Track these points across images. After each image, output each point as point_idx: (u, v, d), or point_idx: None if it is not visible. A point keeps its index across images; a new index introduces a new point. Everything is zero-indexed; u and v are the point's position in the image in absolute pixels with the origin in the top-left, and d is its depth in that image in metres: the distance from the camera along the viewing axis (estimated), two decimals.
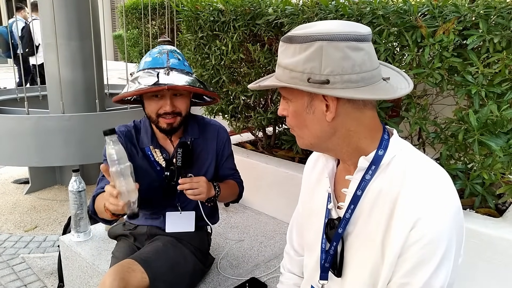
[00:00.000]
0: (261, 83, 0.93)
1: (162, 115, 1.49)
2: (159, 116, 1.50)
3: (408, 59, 1.67)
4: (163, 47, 1.55)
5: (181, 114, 1.52)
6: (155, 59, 1.50)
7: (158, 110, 1.49)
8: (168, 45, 1.59)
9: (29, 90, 3.81)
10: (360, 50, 0.81)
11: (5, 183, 4.00)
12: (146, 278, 1.38)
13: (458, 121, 1.63)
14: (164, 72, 1.45)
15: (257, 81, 0.96)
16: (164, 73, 1.45)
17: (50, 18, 3.19)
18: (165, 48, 1.55)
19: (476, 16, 1.52)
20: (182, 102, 1.52)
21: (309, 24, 0.86)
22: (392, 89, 0.87)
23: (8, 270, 2.59)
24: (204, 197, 1.49)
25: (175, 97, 1.50)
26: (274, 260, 1.95)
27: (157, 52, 1.52)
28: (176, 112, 1.50)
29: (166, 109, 1.47)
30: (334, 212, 0.97)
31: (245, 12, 2.30)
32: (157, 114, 1.50)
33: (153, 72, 1.46)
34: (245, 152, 2.68)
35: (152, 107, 1.50)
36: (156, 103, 1.49)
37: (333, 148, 0.91)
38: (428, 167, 0.85)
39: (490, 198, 1.67)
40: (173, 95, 1.49)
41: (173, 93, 1.49)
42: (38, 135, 3.14)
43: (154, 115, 1.50)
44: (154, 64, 1.49)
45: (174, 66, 1.50)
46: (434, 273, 0.78)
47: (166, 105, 1.47)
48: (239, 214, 2.47)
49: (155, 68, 1.47)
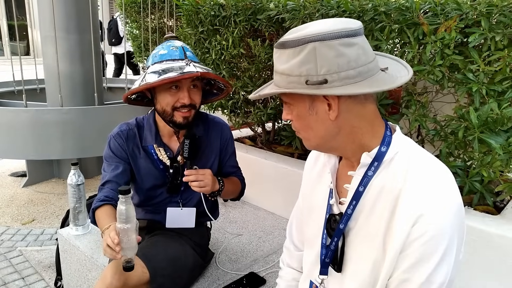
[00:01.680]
0: (261, 92, 0.93)
1: (179, 108, 1.46)
2: (175, 109, 1.47)
3: (409, 56, 1.67)
4: (173, 42, 1.52)
5: (196, 107, 1.51)
6: (172, 52, 1.47)
7: (174, 103, 1.46)
8: (176, 40, 1.58)
9: (27, 83, 3.78)
10: (353, 46, 0.81)
11: (2, 176, 3.99)
12: (146, 272, 1.39)
13: (458, 118, 1.63)
14: (186, 63, 1.43)
15: (257, 91, 0.96)
16: (185, 64, 1.43)
17: (49, 11, 3.17)
18: (175, 43, 1.52)
19: (478, 14, 1.52)
20: (197, 94, 1.51)
21: (300, 27, 0.85)
22: (392, 78, 0.87)
23: (6, 263, 2.58)
24: (208, 190, 1.49)
25: (192, 90, 1.48)
26: (273, 255, 1.95)
27: (170, 45, 1.49)
28: (192, 104, 1.48)
29: (185, 101, 1.45)
30: (335, 208, 0.97)
31: (246, 7, 2.29)
32: (173, 107, 1.47)
33: (173, 63, 1.43)
34: (244, 147, 2.68)
35: (168, 99, 1.46)
36: (173, 95, 1.45)
37: (338, 147, 0.91)
38: (431, 164, 0.86)
39: (488, 196, 1.68)
40: (190, 88, 1.47)
41: (190, 85, 1.47)
42: (36, 128, 3.12)
43: (170, 108, 1.47)
44: (171, 56, 1.45)
45: (192, 58, 1.48)
46: (436, 269, 0.79)
47: (185, 97, 1.44)
48: (238, 209, 2.47)
49: (174, 60, 1.44)
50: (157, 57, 1.47)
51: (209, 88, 1.68)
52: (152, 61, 1.47)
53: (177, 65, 1.42)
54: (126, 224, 1.20)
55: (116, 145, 1.57)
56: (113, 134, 1.59)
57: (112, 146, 1.57)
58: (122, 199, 1.19)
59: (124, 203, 1.19)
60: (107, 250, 1.20)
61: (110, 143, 1.58)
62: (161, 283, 1.43)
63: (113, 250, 1.18)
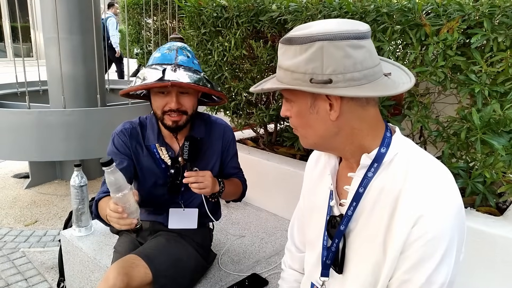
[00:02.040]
0: (263, 86, 0.93)
1: (168, 112, 1.48)
2: (164, 113, 1.49)
3: (411, 57, 1.66)
4: (173, 43, 1.54)
5: (187, 113, 1.51)
6: (164, 55, 1.49)
7: (163, 107, 1.48)
8: (179, 42, 1.58)
9: (30, 84, 3.81)
10: (360, 48, 0.81)
11: (5, 177, 4.00)
12: (149, 273, 1.39)
13: (460, 119, 1.63)
14: (171, 69, 1.44)
15: (258, 84, 0.96)
16: (171, 70, 1.44)
17: (52, 12, 3.18)
18: (175, 44, 1.53)
19: (481, 15, 1.52)
20: (188, 100, 1.51)
21: (307, 25, 0.85)
22: (394, 84, 0.87)
23: (9, 264, 2.59)
24: (208, 192, 1.49)
25: (182, 95, 1.49)
26: (275, 256, 1.95)
27: (167, 48, 1.51)
28: (182, 110, 1.49)
29: (171, 106, 1.46)
30: (336, 209, 0.97)
31: (248, 8, 2.29)
32: (162, 111, 1.49)
33: (159, 67, 1.45)
34: (247, 148, 2.68)
35: (158, 103, 1.49)
36: (162, 99, 1.48)
37: (336, 147, 0.91)
38: (431, 165, 0.86)
39: (491, 197, 1.67)
40: (180, 93, 1.48)
41: (180, 90, 1.47)
42: (39, 130, 3.14)
43: (160, 112, 1.50)
44: (162, 60, 1.48)
45: (183, 63, 1.48)
46: (436, 270, 0.79)
47: (172, 102, 1.46)
48: (240, 210, 2.47)
49: (162, 64, 1.46)
50: (151, 59, 1.52)
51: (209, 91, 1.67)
52: (148, 62, 1.53)
53: (160, 70, 1.44)
54: (121, 192, 1.20)
55: (120, 142, 1.59)
56: (117, 131, 1.61)
57: (116, 142, 1.59)
58: (108, 170, 1.19)
59: (111, 173, 1.19)
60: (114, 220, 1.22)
61: (114, 140, 1.60)
62: (163, 284, 1.43)
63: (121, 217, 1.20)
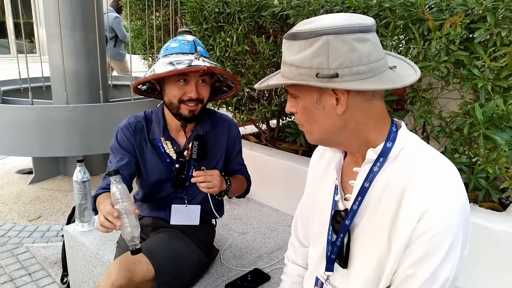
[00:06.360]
0: (268, 83, 0.92)
1: (186, 101, 1.48)
2: (181, 102, 1.48)
3: (414, 52, 1.66)
4: (185, 36, 1.54)
5: (203, 102, 1.52)
6: (182, 45, 1.48)
7: (181, 96, 1.47)
8: (189, 35, 1.59)
9: (33, 80, 3.81)
10: (366, 41, 0.81)
11: (9, 173, 4.02)
12: (151, 269, 1.39)
13: (463, 115, 1.62)
14: (195, 57, 1.44)
15: (263, 80, 0.95)
16: (195, 58, 1.44)
17: (54, 8, 3.18)
18: (188, 37, 1.53)
19: (484, 9, 1.51)
20: (206, 89, 1.52)
21: (312, 19, 0.85)
22: (400, 77, 0.87)
23: (13, 259, 2.61)
24: (217, 191, 1.50)
25: (200, 84, 1.49)
26: (277, 251, 1.96)
27: (182, 39, 1.51)
28: (200, 99, 1.49)
29: (191, 95, 1.46)
30: (341, 204, 0.98)
31: (250, 3, 2.29)
32: (180, 99, 1.48)
33: (183, 56, 1.44)
34: (249, 144, 2.68)
35: (175, 92, 1.47)
36: (180, 88, 1.47)
37: (342, 142, 0.91)
38: (436, 160, 0.86)
39: (494, 192, 1.67)
40: (198, 82, 1.48)
41: (199, 79, 1.48)
42: (42, 126, 3.15)
43: (177, 101, 1.48)
44: (182, 49, 1.47)
45: (202, 53, 1.49)
46: (441, 265, 0.79)
47: (192, 91, 1.46)
48: (243, 206, 2.48)
49: (184, 53, 1.46)
50: (168, 49, 1.49)
51: (218, 85, 1.68)
52: (163, 53, 1.49)
53: (186, 58, 1.43)
54: (123, 203, 1.21)
55: (123, 137, 1.59)
56: (121, 126, 1.61)
57: (119, 138, 1.59)
58: (113, 180, 1.21)
59: (116, 183, 1.21)
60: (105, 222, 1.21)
61: (118, 135, 1.60)
62: (165, 280, 1.44)
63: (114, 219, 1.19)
